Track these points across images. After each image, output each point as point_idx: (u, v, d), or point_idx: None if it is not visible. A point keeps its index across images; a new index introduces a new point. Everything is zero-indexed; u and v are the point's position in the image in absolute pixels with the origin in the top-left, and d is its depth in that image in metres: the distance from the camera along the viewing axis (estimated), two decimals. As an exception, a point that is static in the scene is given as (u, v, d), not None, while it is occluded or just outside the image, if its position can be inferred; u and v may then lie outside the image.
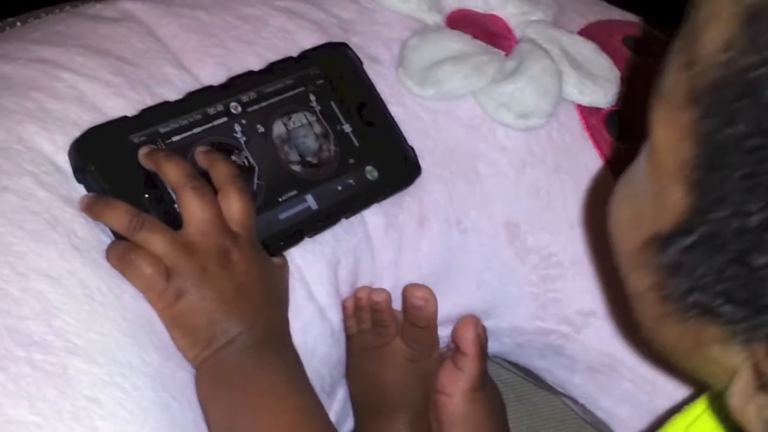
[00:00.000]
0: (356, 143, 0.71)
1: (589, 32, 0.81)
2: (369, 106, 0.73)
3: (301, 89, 0.70)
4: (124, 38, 0.69)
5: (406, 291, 0.71)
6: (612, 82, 0.78)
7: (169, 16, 0.72)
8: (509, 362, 0.86)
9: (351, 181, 0.70)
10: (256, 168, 0.66)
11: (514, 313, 0.77)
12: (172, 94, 0.66)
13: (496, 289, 0.76)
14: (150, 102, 0.65)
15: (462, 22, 0.78)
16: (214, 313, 0.58)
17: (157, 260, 0.58)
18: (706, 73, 0.40)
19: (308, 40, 0.74)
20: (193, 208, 0.59)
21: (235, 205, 0.60)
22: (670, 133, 0.43)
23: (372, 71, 0.74)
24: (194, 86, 0.68)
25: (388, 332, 0.72)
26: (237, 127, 0.66)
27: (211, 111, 0.66)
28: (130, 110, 0.64)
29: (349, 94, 0.72)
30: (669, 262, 0.44)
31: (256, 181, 0.66)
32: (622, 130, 0.78)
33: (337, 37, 0.75)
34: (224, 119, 0.66)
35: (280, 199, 0.67)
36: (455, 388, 0.72)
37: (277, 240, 0.65)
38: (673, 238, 0.43)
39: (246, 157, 0.66)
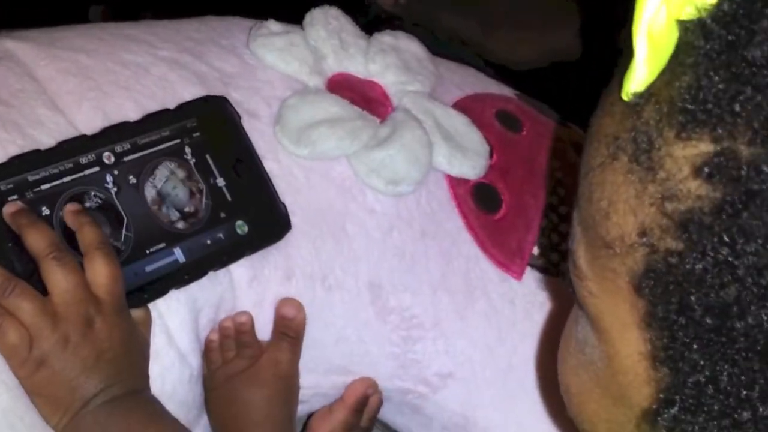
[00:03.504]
0: (229, 197, 0.72)
1: (464, 105, 0.84)
2: (244, 160, 0.73)
3: (177, 141, 0.71)
4: (2, 78, 0.69)
5: (279, 304, 0.73)
6: (481, 155, 0.81)
7: (49, 57, 0.72)
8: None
9: (221, 234, 0.71)
10: (126, 219, 0.66)
11: (375, 371, 0.79)
12: (44, 136, 0.67)
13: (356, 347, 0.78)
14: (20, 142, 0.65)
15: (342, 86, 0.80)
16: (74, 381, 0.59)
17: (23, 329, 0.59)
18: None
19: (188, 91, 0.75)
20: (55, 279, 0.60)
21: (100, 271, 0.61)
22: (617, 318, 0.41)
23: (250, 126, 0.75)
24: (67, 129, 0.68)
25: (253, 352, 0.73)
26: (108, 178, 0.66)
27: (83, 160, 0.66)
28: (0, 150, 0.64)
29: (225, 148, 0.73)
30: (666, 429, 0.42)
31: (124, 232, 0.66)
32: (488, 202, 0.81)
33: (218, 91, 0.76)
34: (96, 169, 0.66)
35: (147, 251, 0.67)
36: (320, 429, 0.76)
37: (142, 293, 0.66)
38: (659, 410, 0.41)
39: (116, 208, 0.66)
